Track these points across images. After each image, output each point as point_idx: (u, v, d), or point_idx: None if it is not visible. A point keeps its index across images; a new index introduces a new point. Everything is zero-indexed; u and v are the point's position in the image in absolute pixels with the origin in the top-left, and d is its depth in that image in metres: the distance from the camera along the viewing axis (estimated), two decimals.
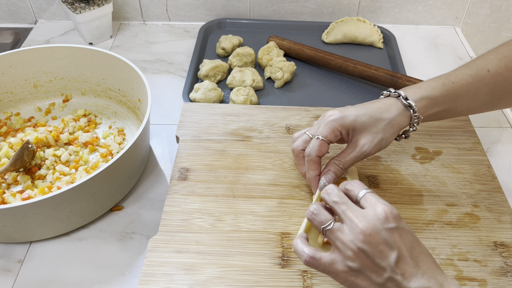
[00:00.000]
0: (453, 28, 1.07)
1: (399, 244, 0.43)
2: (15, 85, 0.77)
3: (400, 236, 0.43)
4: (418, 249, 0.44)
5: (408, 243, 0.43)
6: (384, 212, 0.43)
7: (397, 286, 0.43)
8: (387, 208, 0.43)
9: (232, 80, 0.85)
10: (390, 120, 0.55)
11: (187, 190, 0.61)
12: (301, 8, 1.04)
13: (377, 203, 0.44)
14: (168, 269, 0.52)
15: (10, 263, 0.59)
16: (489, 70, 0.57)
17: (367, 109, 0.55)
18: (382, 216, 0.43)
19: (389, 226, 0.43)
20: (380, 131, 0.54)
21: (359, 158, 0.55)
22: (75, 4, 0.93)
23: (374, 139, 0.54)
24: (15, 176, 0.67)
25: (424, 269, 0.43)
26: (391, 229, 0.43)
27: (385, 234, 0.43)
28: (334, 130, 0.54)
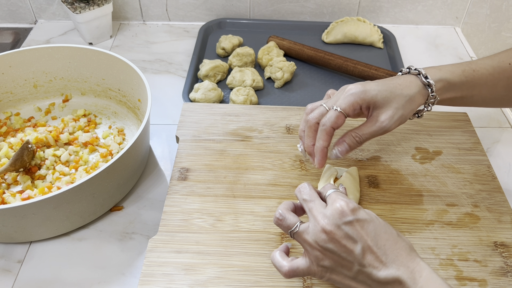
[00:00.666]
0: (453, 28, 1.07)
1: (361, 235, 0.43)
2: (15, 85, 0.77)
3: (361, 227, 0.43)
4: (384, 236, 0.43)
5: (371, 232, 0.43)
6: (340, 206, 0.43)
7: (368, 277, 0.43)
8: (343, 203, 0.44)
9: (232, 80, 0.85)
10: (410, 96, 0.55)
11: (187, 190, 0.61)
12: (301, 8, 1.04)
13: (336, 199, 0.45)
14: (168, 269, 0.52)
15: (10, 263, 0.59)
16: (511, 63, 0.58)
17: (388, 85, 0.55)
18: (339, 210, 0.43)
19: (347, 219, 0.43)
20: (401, 107, 0.54)
21: (377, 133, 0.55)
22: (75, 4, 0.93)
23: (394, 115, 0.54)
24: (15, 176, 0.67)
25: (392, 257, 0.43)
26: (350, 222, 0.43)
27: (345, 228, 0.43)
28: (354, 103, 0.54)
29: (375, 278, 0.43)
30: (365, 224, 0.43)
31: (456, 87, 0.57)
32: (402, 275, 0.42)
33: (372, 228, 0.43)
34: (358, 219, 0.43)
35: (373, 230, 0.43)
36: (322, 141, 0.54)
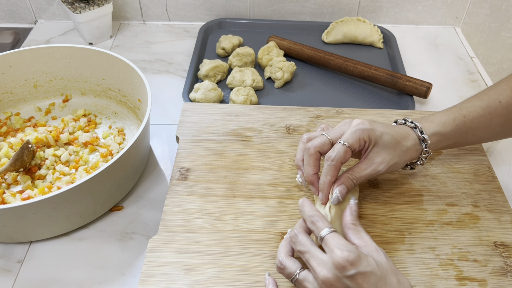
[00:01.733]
0: (453, 28, 1.07)
1: (363, 287, 0.43)
2: (15, 85, 0.77)
3: (363, 280, 0.43)
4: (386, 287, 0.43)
5: (372, 285, 0.43)
6: (341, 259, 0.43)
7: None
8: (344, 255, 0.43)
9: (232, 80, 0.85)
10: (407, 148, 0.55)
11: (187, 190, 0.61)
12: (301, 8, 1.04)
13: (334, 249, 0.44)
14: (168, 269, 0.52)
15: (10, 263, 0.59)
16: (501, 102, 0.57)
17: (391, 130, 0.54)
18: (340, 264, 0.43)
19: (348, 273, 0.43)
20: (397, 155, 0.54)
21: (372, 175, 0.53)
22: (75, 4, 0.93)
23: (390, 161, 0.53)
24: (15, 176, 0.67)
25: None
26: (350, 277, 0.43)
27: (345, 281, 0.43)
28: (361, 139, 0.52)
29: None
30: (365, 277, 0.43)
31: (449, 137, 0.57)
32: None
33: (374, 280, 0.43)
34: (359, 272, 0.43)
35: (374, 282, 0.43)
36: (330, 177, 0.52)
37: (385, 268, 0.44)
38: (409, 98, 0.83)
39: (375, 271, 0.43)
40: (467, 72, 0.94)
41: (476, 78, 0.92)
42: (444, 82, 0.90)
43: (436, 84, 0.89)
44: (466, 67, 0.95)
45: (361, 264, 0.43)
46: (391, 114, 0.73)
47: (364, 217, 0.58)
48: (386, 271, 0.44)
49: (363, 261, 0.43)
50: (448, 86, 0.90)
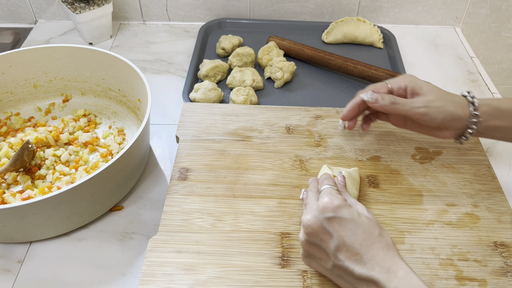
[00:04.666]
0: (453, 28, 1.07)
1: (338, 232, 0.45)
2: (15, 85, 0.77)
3: (339, 224, 0.45)
4: (362, 236, 0.45)
5: (348, 230, 0.45)
6: (325, 202, 0.46)
7: (343, 272, 0.46)
8: (327, 200, 0.47)
9: (232, 80, 0.85)
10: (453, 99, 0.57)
11: (187, 190, 0.61)
12: (301, 8, 1.04)
13: (323, 196, 0.48)
14: (168, 269, 0.52)
15: (10, 263, 0.59)
16: None
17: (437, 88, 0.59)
18: (321, 207, 0.46)
19: (327, 215, 0.46)
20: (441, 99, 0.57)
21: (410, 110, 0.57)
22: (75, 4, 0.93)
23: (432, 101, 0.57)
24: (15, 176, 0.67)
25: (367, 257, 0.44)
26: (329, 219, 0.46)
27: (324, 223, 0.46)
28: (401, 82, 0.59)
29: (350, 273, 0.45)
30: (343, 222, 0.45)
31: (505, 115, 0.56)
32: (376, 275, 0.43)
33: (351, 226, 0.45)
34: (337, 216, 0.46)
35: (351, 229, 0.45)
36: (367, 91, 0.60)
37: (365, 221, 0.46)
38: None
39: (355, 220, 0.46)
40: (467, 72, 0.94)
41: (476, 78, 0.92)
42: (444, 82, 0.90)
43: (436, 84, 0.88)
44: (466, 67, 0.95)
45: (341, 211, 0.46)
46: None
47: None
48: (365, 222, 0.46)
49: (344, 209, 0.46)
50: (448, 86, 0.90)
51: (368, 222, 0.46)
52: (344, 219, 0.45)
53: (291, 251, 0.55)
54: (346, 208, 0.46)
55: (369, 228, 0.45)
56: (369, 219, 0.47)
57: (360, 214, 0.47)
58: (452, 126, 0.57)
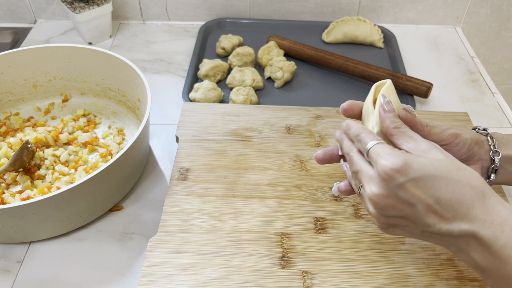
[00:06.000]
0: (453, 28, 1.06)
1: (418, 197, 0.38)
2: (14, 85, 0.77)
3: (416, 187, 0.38)
4: (448, 189, 0.38)
5: (429, 189, 0.38)
6: (387, 169, 0.39)
7: (437, 234, 0.40)
8: (388, 163, 0.39)
9: (232, 80, 0.85)
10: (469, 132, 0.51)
11: (187, 190, 0.61)
12: (301, 8, 1.04)
13: (378, 160, 0.40)
14: (167, 269, 0.52)
15: (9, 263, 0.59)
16: None
17: None
18: (386, 174, 0.39)
19: (397, 183, 0.39)
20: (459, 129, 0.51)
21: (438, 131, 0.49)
22: (75, 3, 0.93)
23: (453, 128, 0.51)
24: (15, 176, 0.67)
25: (463, 211, 0.38)
26: (400, 186, 0.39)
27: (398, 192, 0.39)
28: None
29: (446, 234, 0.39)
30: (420, 182, 0.38)
31: None
32: (479, 230, 0.37)
33: (430, 184, 0.38)
34: (410, 179, 0.38)
35: (431, 186, 0.38)
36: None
37: (443, 166, 0.39)
38: (409, 98, 0.83)
39: (430, 172, 0.38)
40: (468, 72, 0.93)
41: (477, 78, 0.92)
42: (444, 82, 0.90)
43: (436, 84, 0.89)
44: (466, 67, 0.95)
45: (411, 170, 0.38)
46: None
47: (364, 217, 0.58)
48: (446, 168, 0.39)
49: (413, 166, 0.38)
50: (448, 86, 0.90)
51: (446, 166, 0.39)
52: (419, 178, 0.38)
53: (291, 251, 0.54)
54: (413, 163, 0.38)
55: (452, 175, 0.38)
56: (445, 161, 0.39)
57: (433, 160, 0.39)
58: (479, 155, 0.51)
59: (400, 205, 0.40)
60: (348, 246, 0.55)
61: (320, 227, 0.57)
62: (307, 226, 0.57)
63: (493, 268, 0.38)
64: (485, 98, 0.87)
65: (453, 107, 0.85)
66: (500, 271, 0.37)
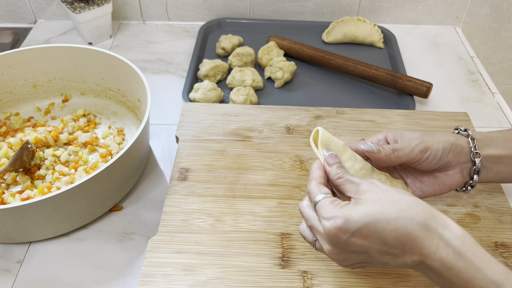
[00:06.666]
0: (453, 28, 1.06)
1: (366, 245, 0.41)
2: (15, 85, 0.77)
3: (361, 237, 0.41)
4: (390, 228, 0.40)
5: (373, 235, 0.40)
6: (329, 232, 0.41)
7: (396, 266, 0.42)
8: (329, 225, 0.41)
9: (232, 80, 0.85)
10: (442, 135, 0.52)
11: (186, 190, 0.61)
12: (301, 8, 1.04)
13: (321, 220, 0.43)
14: (167, 269, 0.52)
15: (10, 263, 0.59)
16: None
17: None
18: (330, 236, 0.42)
19: (343, 240, 0.41)
20: (430, 138, 0.51)
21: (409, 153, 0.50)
22: (75, 3, 0.93)
23: (423, 137, 0.51)
24: (15, 176, 0.67)
25: (409, 245, 0.39)
26: (346, 241, 0.41)
27: (347, 247, 0.42)
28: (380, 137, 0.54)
29: (402, 265, 0.41)
30: (363, 232, 0.40)
31: (497, 143, 0.53)
32: (426, 260, 0.39)
33: (373, 229, 0.40)
34: (352, 233, 0.41)
35: (374, 231, 0.40)
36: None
37: (379, 208, 0.40)
38: (409, 98, 0.83)
39: (368, 219, 0.40)
40: (468, 72, 0.93)
41: (477, 78, 0.92)
42: (444, 82, 0.90)
43: (436, 84, 0.89)
44: (466, 67, 0.95)
45: (351, 224, 0.40)
46: (391, 114, 0.73)
47: None
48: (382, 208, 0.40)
49: (352, 219, 0.40)
50: (448, 86, 0.90)
51: (382, 206, 0.40)
52: (361, 228, 0.40)
53: (291, 251, 0.54)
54: (353, 215, 0.41)
55: (390, 214, 0.40)
56: (380, 200, 0.41)
57: (369, 205, 0.41)
58: (456, 161, 0.52)
59: (353, 255, 0.42)
60: None
61: None
62: None
63: (448, 287, 0.40)
64: (485, 98, 0.87)
65: (453, 107, 0.85)
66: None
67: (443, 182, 0.53)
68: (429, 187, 0.54)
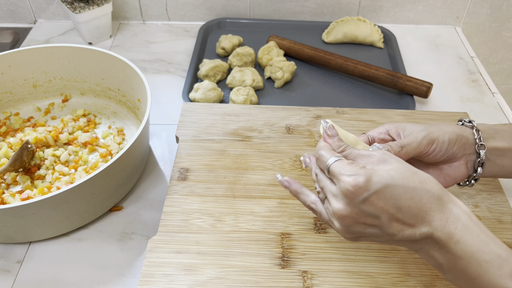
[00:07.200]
0: (453, 28, 1.06)
1: (381, 208, 0.41)
2: (14, 85, 0.77)
3: (378, 199, 0.40)
4: (406, 196, 0.40)
5: (390, 200, 0.40)
6: (349, 188, 0.41)
7: (400, 240, 0.42)
8: (351, 181, 0.41)
9: (232, 80, 0.85)
10: (447, 126, 0.51)
11: (186, 190, 0.61)
12: (301, 8, 1.04)
13: (340, 177, 0.42)
14: (167, 269, 0.52)
15: (10, 263, 0.59)
16: None
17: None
18: (349, 191, 0.41)
19: (361, 198, 0.41)
20: (435, 129, 0.51)
21: (417, 147, 0.50)
22: (75, 3, 0.93)
23: (429, 128, 0.51)
24: (15, 176, 0.67)
25: (421, 216, 0.40)
26: (365, 200, 0.41)
27: (362, 207, 0.41)
28: (382, 130, 0.54)
29: (407, 239, 0.41)
30: (381, 194, 0.40)
31: (501, 135, 0.52)
32: (435, 231, 0.40)
33: (390, 194, 0.40)
34: (373, 192, 0.40)
35: (392, 196, 0.40)
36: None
37: (399, 174, 0.41)
38: (409, 98, 0.83)
39: (388, 182, 0.40)
40: (468, 72, 0.93)
41: (477, 78, 0.92)
42: (444, 82, 0.90)
43: (436, 84, 0.89)
44: (466, 67, 0.95)
45: (372, 183, 0.40)
46: (392, 114, 0.73)
47: None
48: (401, 176, 0.41)
49: (373, 179, 0.40)
50: (448, 86, 0.90)
51: (401, 174, 0.41)
52: (380, 190, 0.40)
53: (291, 251, 0.54)
54: (374, 175, 0.41)
55: (408, 182, 0.40)
56: (399, 168, 0.41)
57: (389, 170, 0.41)
58: (462, 152, 0.51)
59: (364, 218, 0.42)
60: (348, 246, 0.55)
61: (320, 227, 0.57)
62: (307, 226, 0.57)
63: (450, 264, 0.41)
64: (485, 98, 0.87)
65: (453, 107, 0.85)
66: (456, 266, 0.40)
67: (448, 174, 0.53)
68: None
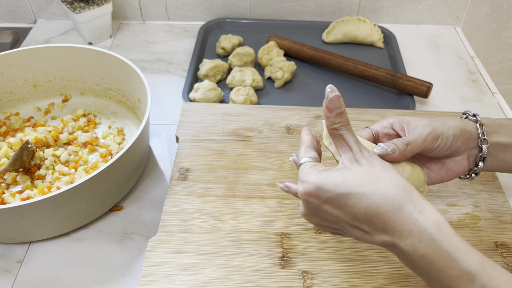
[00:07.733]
0: (453, 28, 1.06)
1: (336, 215, 0.41)
2: (14, 85, 0.77)
3: (331, 207, 0.41)
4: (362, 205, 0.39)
5: (344, 207, 0.40)
6: (301, 195, 0.42)
7: (366, 242, 0.42)
8: (301, 189, 0.42)
9: (232, 80, 0.85)
10: (451, 121, 0.51)
11: (186, 190, 0.61)
12: (301, 8, 1.04)
13: (299, 180, 0.43)
14: (167, 269, 0.52)
15: (9, 263, 0.59)
16: None
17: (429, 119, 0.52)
18: (303, 198, 0.42)
19: (314, 205, 0.42)
20: (440, 124, 0.50)
21: (422, 144, 0.48)
22: (75, 3, 0.93)
23: (434, 123, 0.50)
24: (15, 176, 0.67)
25: (380, 225, 0.39)
26: (317, 208, 0.42)
27: (318, 213, 0.42)
28: (386, 124, 0.53)
29: (371, 243, 0.41)
30: (334, 202, 0.40)
31: (505, 130, 0.51)
32: (398, 242, 0.39)
33: (344, 202, 0.40)
34: (323, 201, 0.41)
35: (346, 204, 0.40)
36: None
37: (357, 181, 0.40)
38: (409, 98, 0.83)
39: (341, 191, 0.40)
40: (468, 72, 0.93)
41: (477, 78, 0.92)
42: (444, 82, 0.90)
43: (436, 84, 0.89)
44: (466, 67, 0.95)
45: (323, 192, 0.40)
46: (392, 114, 0.73)
47: None
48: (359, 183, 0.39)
49: (324, 187, 0.40)
50: (448, 86, 0.90)
51: (360, 181, 0.40)
52: (332, 198, 0.40)
53: (291, 251, 0.54)
54: (325, 183, 0.40)
55: (365, 189, 0.39)
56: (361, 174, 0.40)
57: (348, 175, 0.40)
58: (465, 147, 0.51)
59: (325, 222, 0.43)
60: (348, 246, 0.55)
61: None
62: (307, 226, 0.57)
63: (420, 273, 0.39)
64: (485, 98, 0.87)
65: (453, 107, 0.85)
66: (426, 276, 0.39)
67: (450, 168, 0.52)
68: (436, 173, 0.53)
